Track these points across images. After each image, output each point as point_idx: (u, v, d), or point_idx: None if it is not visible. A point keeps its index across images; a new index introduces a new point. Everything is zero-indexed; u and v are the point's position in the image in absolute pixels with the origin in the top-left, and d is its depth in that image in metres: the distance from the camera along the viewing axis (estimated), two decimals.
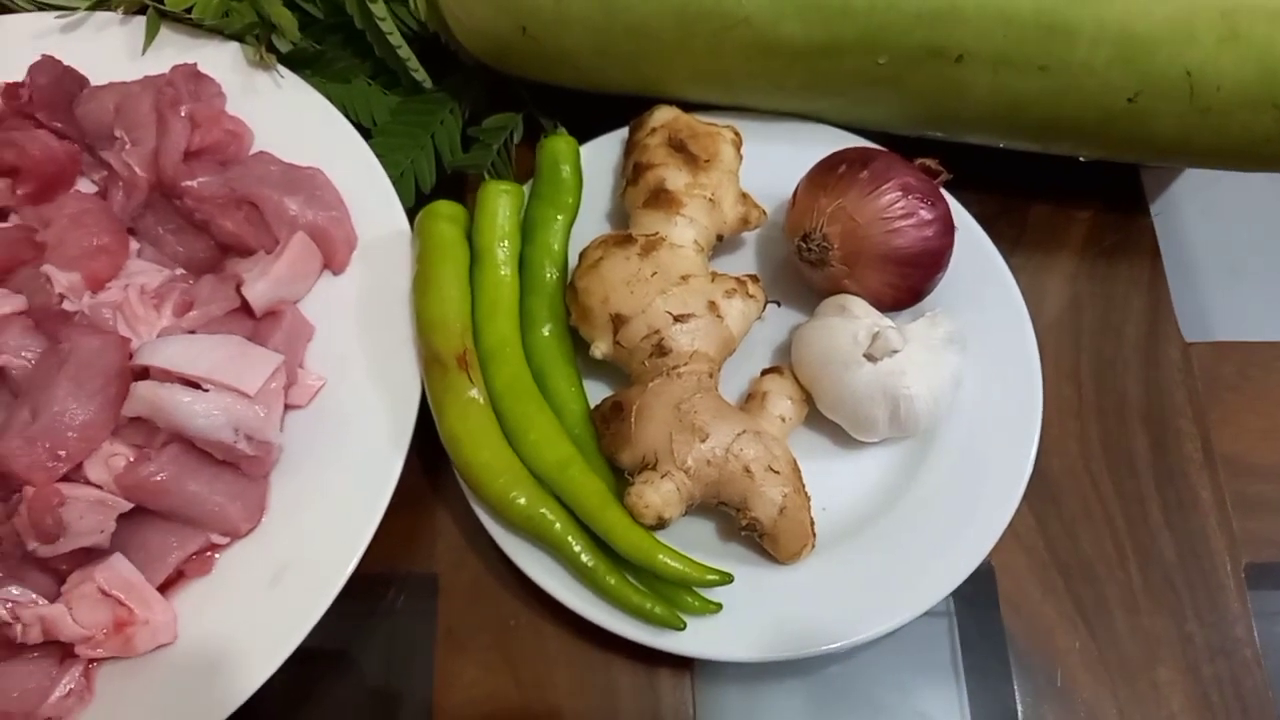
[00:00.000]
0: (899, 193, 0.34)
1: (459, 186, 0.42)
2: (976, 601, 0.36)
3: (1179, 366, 0.40)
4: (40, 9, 0.44)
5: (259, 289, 0.35)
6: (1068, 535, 0.37)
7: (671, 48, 0.37)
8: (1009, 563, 0.36)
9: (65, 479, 0.33)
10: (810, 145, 0.38)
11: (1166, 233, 0.43)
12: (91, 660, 0.33)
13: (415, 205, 0.41)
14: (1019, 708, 0.34)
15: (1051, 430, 0.38)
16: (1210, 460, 0.38)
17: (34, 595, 0.32)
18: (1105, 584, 0.36)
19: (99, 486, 0.33)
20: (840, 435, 0.36)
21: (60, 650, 0.33)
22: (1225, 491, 0.38)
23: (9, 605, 0.31)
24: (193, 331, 0.35)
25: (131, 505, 0.33)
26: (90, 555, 0.33)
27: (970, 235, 0.38)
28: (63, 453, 0.32)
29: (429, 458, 0.36)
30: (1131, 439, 0.38)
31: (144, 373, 0.33)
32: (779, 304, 0.38)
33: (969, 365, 0.35)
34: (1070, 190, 0.42)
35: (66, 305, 0.35)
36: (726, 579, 0.32)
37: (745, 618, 0.32)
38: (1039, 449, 0.36)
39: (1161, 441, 0.38)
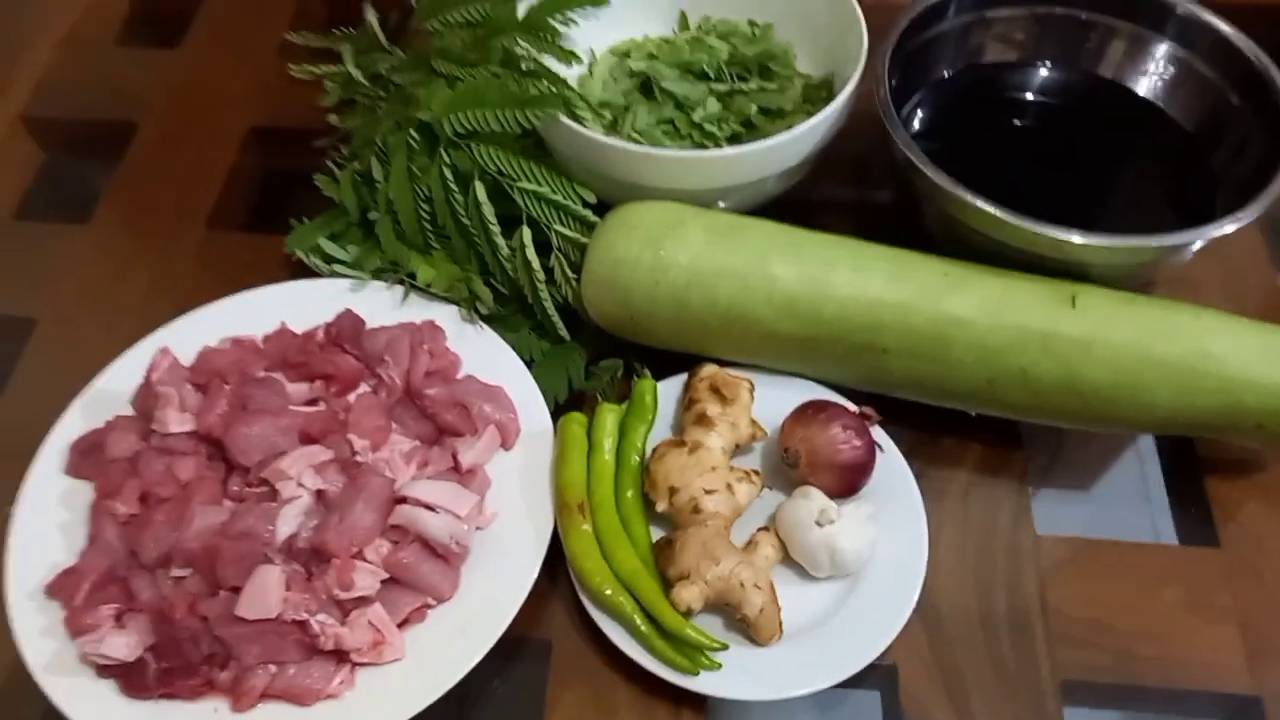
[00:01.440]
0: (840, 429, 0.57)
1: (580, 399, 0.64)
2: (886, 686, 0.56)
3: (1031, 548, 0.59)
4: (337, 276, 0.71)
5: (467, 457, 0.58)
6: (946, 648, 0.55)
7: (717, 334, 0.59)
8: (907, 661, 0.55)
9: (354, 557, 0.55)
10: (795, 392, 0.60)
11: (1037, 461, 0.65)
12: (356, 664, 0.52)
13: (554, 411, 0.62)
14: None
15: (942, 581, 0.57)
16: (1044, 610, 0.57)
17: (332, 620, 0.53)
18: (968, 681, 0.54)
19: (372, 563, 0.53)
20: (802, 571, 0.56)
21: (338, 656, 0.52)
22: (1052, 631, 0.56)
23: (321, 624, 0.54)
24: (429, 478, 0.59)
25: (388, 575, 0.53)
26: (364, 601, 0.52)
27: (892, 455, 0.59)
28: (355, 542, 0.55)
29: (551, 567, 0.56)
30: (994, 592, 0.57)
31: (402, 499, 0.57)
32: (770, 488, 0.59)
33: (882, 534, 0.56)
34: (967, 430, 0.62)
35: (358, 458, 0.59)
36: (724, 646, 0.52)
37: (735, 674, 0.52)
38: (936, 593, 0.56)
39: (1013, 595, 0.57)
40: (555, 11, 0.65)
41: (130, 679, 0.52)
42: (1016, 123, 0.70)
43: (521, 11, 0.67)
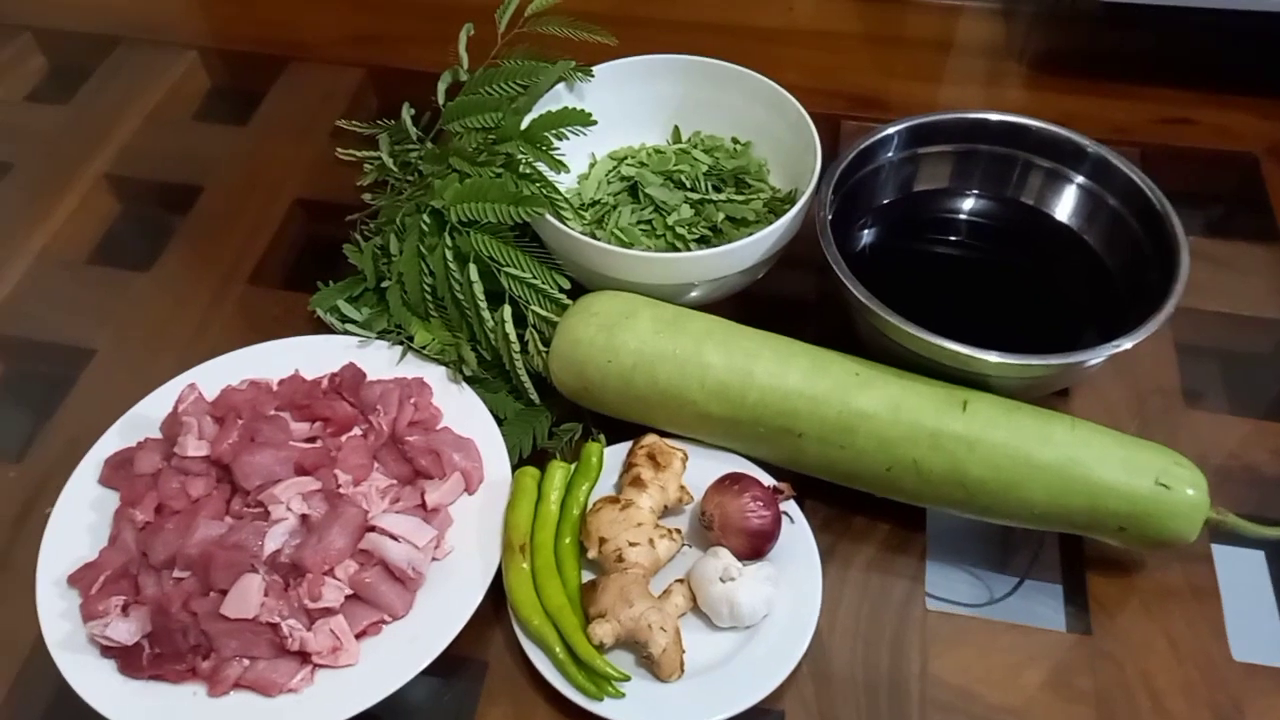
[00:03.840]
0: (751, 499, 0.66)
1: (544, 455, 0.75)
2: None
3: (919, 620, 0.66)
4: (349, 334, 0.83)
5: (433, 497, 0.68)
6: (830, 699, 0.62)
7: (657, 409, 0.68)
8: (793, 708, 0.63)
9: (326, 573, 0.66)
10: (725, 465, 0.68)
11: (938, 543, 0.72)
12: (317, 664, 0.59)
13: (516, 464, 0.73)
14: None
15: (836, 641, 0.65)
16: (923, 675, 0.64)
17: (300, 625, 0.64)
18: None
19: (340, 580, 0.63)
20: (709, 621, 0.64)
21: (302, 656, 0.59)
22: (926, 694, 0.63)
23: (290, 628, 0.64)
24: (398, 512, 0.69)
25: (352, 592, 0.61)
26: (329, 612, 0.59)
27: (801, 526, 0.67)
28: (328, 560, 0.66)
29: (495, 599, 0.65)
30: (880, 655, 0.64)
31: (372, 528, 0.67)
32: (690, 546, 0.69)
33: (780, 595, 0.64)
34: (878, 512, 0.70)
35: (341, 490, 0.69)
36: (626, 677, 0.61)
37: (638, 704, 0.60)
38: (829, 651, 0.63)
39: (897, 659, 0.64)
40: (550, 127, 0.77)
41: (127, 660, 0.62)
42: (948, 241, 0.79)
43: (524, 124, 0.78)
